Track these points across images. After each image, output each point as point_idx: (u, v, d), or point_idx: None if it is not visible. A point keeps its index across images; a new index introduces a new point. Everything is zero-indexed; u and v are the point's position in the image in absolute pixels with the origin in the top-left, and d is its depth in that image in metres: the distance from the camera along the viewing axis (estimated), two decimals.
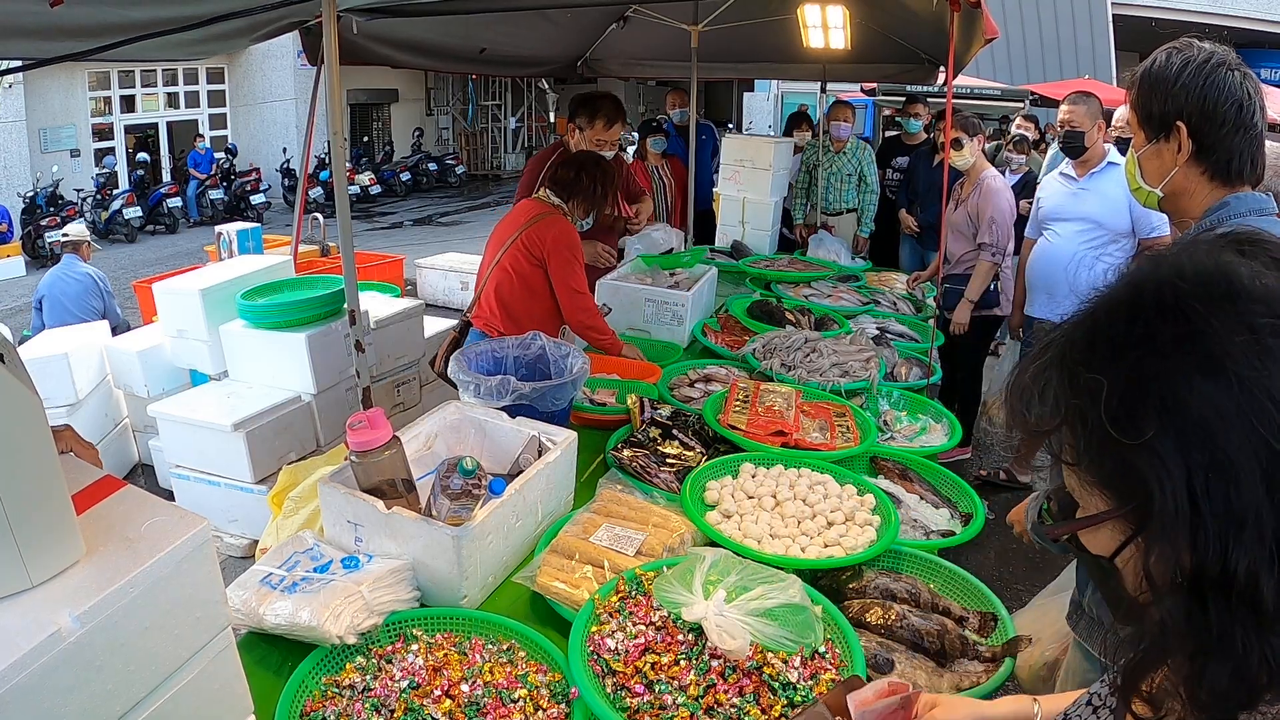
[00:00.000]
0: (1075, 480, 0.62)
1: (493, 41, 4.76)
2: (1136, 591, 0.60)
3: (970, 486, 2.09)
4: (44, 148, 11.80)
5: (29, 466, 0.84)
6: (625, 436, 2.11)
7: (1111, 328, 0.59)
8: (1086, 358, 0.59)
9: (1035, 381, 0.62)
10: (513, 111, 20.29)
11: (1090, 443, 0.58)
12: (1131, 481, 0.56)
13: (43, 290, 5.07)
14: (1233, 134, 1.34)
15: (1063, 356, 0.61)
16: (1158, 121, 1.40)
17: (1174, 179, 1.41)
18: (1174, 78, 1.35)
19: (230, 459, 3.50)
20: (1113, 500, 0.59)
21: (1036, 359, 0.63)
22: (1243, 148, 1.35)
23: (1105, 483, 0.59)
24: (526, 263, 2.75)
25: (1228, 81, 1.33)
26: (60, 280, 5.05)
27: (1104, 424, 0.56)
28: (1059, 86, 11.91)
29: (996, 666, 1.44)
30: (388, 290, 5.23)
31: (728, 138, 5.16)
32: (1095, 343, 0.59)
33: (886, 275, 4.27)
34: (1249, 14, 14.77)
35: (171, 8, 2.74)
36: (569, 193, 2.83)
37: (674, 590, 1.36)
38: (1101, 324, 0.60)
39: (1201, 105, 1.34)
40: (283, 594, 1.37)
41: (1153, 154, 1.43)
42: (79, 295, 5.02)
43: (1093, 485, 0.61)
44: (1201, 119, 1.34)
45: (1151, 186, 1.46)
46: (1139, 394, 0.55)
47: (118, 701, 0.88)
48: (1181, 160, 1.39)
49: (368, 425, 1.52)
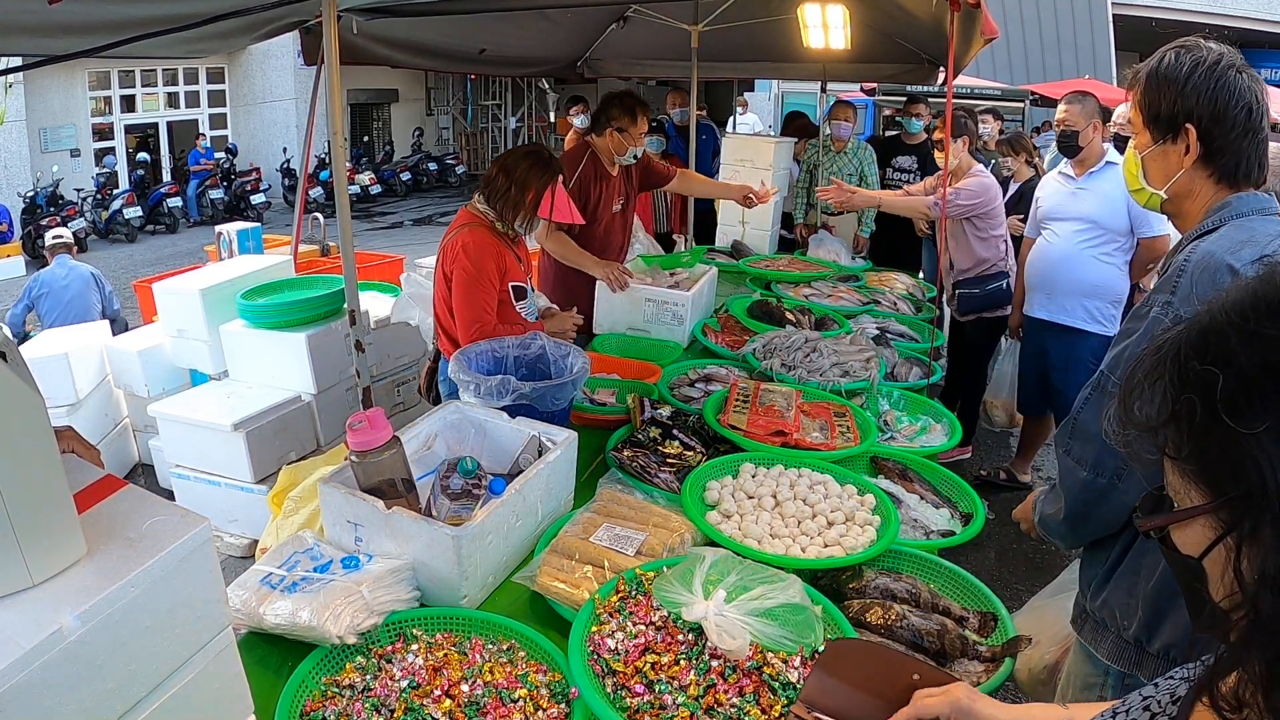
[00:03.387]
0: (1176, 475, 0.64)
1: (493, 42, 4.76)
2: (1220, 595, 0.62)
3: (970, 486, 2.09)
4: (44, 147, 11.79)
5: (31, 465, 0.84)
6: (625, 436, 2.11)
7: (1225, 326, 0.61)
8: (1200, 353, 0.61)
9: (1148, 377, 0.65)
10: (513, 111, 20.29)
11: (1197, 434, 0.60)
12: (1235, 473, 0.58)
13: (40, 289, 5.12)
14: (1242, 138, 1.33)
15: (1176, 353, 0.63)
16: (1166, 122, 1.37)
17: (1179, 181, 1.39)
18: (1184, 79, 1.33)
19: (230, 459, 3.50)
20: (1212, 494, 0.61)
21: (1148, 358, 0.66)
22: (1250, 151, 1.34)
23: (1206, 475, 0.61)
24: (443, 280, 2.58)
25: (1238, 84, 1.31)
26: (59, 280, 5.10)
27: (1218, 413, 0.58)
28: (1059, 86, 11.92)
29: (996, 666, 1.44)
30: (388, 290, 5.24)
31: (728, 138, 5.16)
32: (1208, 339, 0.61)
33: (886, 275, 4.26)
34: (1249, 14, 14.78)
35: (171, 6, 2.74)
36: (491, 196, 2.59)
37: (674, 590, 1.36)
38: (1215, 323, 0.62)
39: (1213, 108, 1.32)
40: (283, 594, 1.37)
41: (1158, 155, 1.41)
42: (81, 292, 5.10)
43: (1193, 478, 0.62)
44: (1212, 122, 1.32)
45: (1156, 188, 1.43)
46: (1252, 385, 0.57)
47: (118, 700, 0.88)
48: (1189, 163, 1.36)
49: (368, 425, 1.52)
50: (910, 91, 7.41)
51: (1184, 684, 0.72)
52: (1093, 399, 1.40)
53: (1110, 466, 1.34)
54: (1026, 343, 3.78)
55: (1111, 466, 1.34)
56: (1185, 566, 0.65)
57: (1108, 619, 1.43)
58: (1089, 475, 1.37)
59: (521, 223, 2.62)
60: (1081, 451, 1.39)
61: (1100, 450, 1.35)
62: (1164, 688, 0.73)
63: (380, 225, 12.95)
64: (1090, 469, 1.37)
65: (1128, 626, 1.39)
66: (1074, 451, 1.40)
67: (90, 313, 5.08)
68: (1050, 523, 1.53)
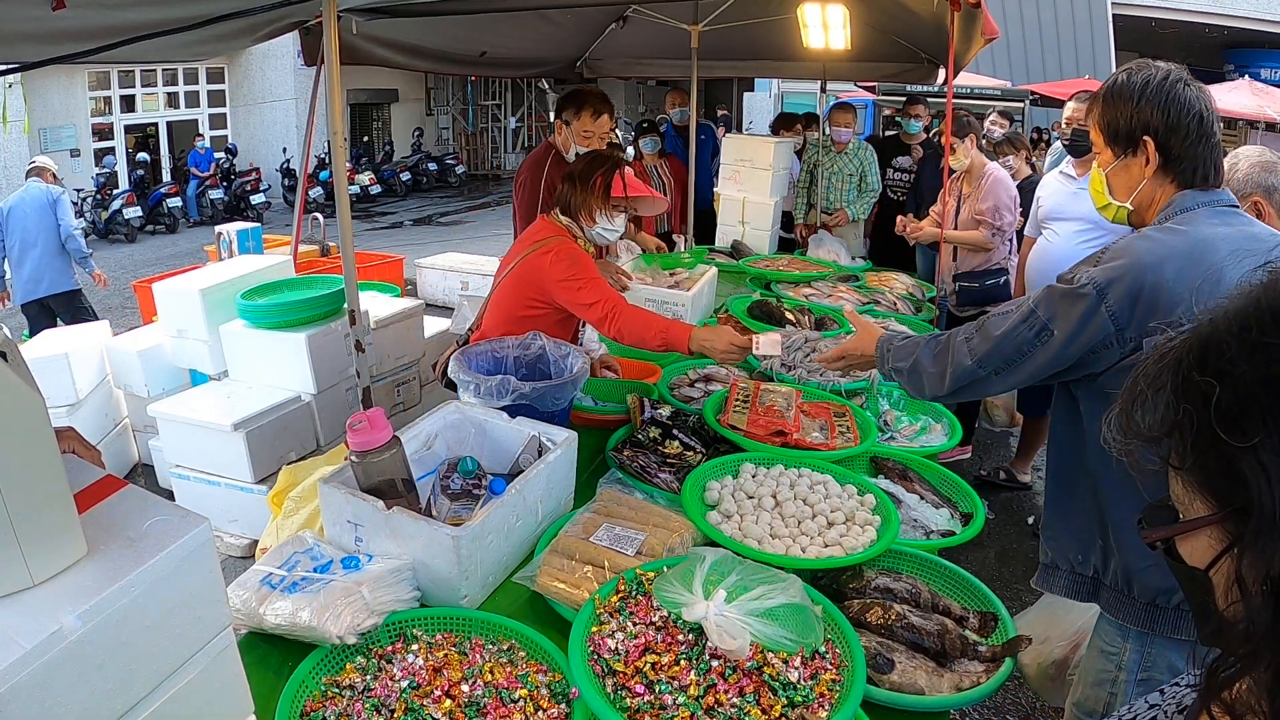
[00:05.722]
0: (1180, 486, 0.63)
1: (493, 42, 4.75)
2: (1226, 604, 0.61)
3: (970, 486, 2.09)
4: (44, 148, 11.78)
5: (31, 465, 0.84)
6: (625, 436, 2.11)
7: (1226, 335, 0.60)
8: (1200, 363, 0.60)
9: (1150, 386, 0.64)
10: (512, 111, 20.30)
11: (1198, 446, 0.59)
12: (1235, 484, 0.57)
13: (6, 208, 5.39)
14: (1196, 144, 1.44)
15: (1177, 363, 0.62)
16: (1125, 137, 1.48)
17: (1142, 191, 1.50)
18: (1138, 95, 1.45)
19: (230, 459, 3.50)
20: (1214, 505, 0.60)
21: (1151, 366, 0.65)
22: (1205, 155, 1.45)
23: (1209, 487, 0.60)
24: (525, 289, 2.52)
25: (1187, 96, 1.43)
26: (20, 201, 5.38)
27: (1212, 426, 0.57)
28: (1059, 86, 11.93)
29: (997, 666, 1.44)
30: (388, 290, 5.24)
31: (728, 138, 5.17)
32: (1209, 349, 0.61)
33: (886, 275, 4.27)
34: (1249, 14, 14.76)
35: (172, 9, 2.74)
36: (566, 207, 2.56)
37: (674, 590, 1.36)
38: (1217, 332, 0.61)
39: (1167, 119, 1.43)
40: (283, 594, 1.37)
41: (1121, 169, 1.52)
42: (36, 212, 5.33)
43: (1196, 489, 0.61)
44: (1168, 132, 1.44)
45: (1120, 201, 1.55)
46: (1248, 399, 0.57)
47: (119, 700, 0.88)
48: (1150, 173, 1.47)
49: (368, 425, 1.52)
50: (909, 92, 7.41)
51: (1191, 692, 0.72)
52: (1010, 315, 1.52)
53: (992, 365, 1.53)
54: None
55: (993, 365, 1.52)
56: (1192, 578, 0.64)
57: (1058, 558, 1.62)
58: (972, 365, 1.55)
59: (601, 215, 2.53)
60: (978, 346, 1.54)
61: (991, 350, 1.52)
62: (1171, 695, 0.73)
63: (380, 225, 12.96)
64: (976, 362, 1.54)
65: (1081, 560, 1.58)
66: (972, 342, 1.56)
67: (49, 234, 5.32)
68: (914, 374, 1.67)
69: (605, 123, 3.26)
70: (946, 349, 1.60)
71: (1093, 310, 1.39)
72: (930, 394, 1.66)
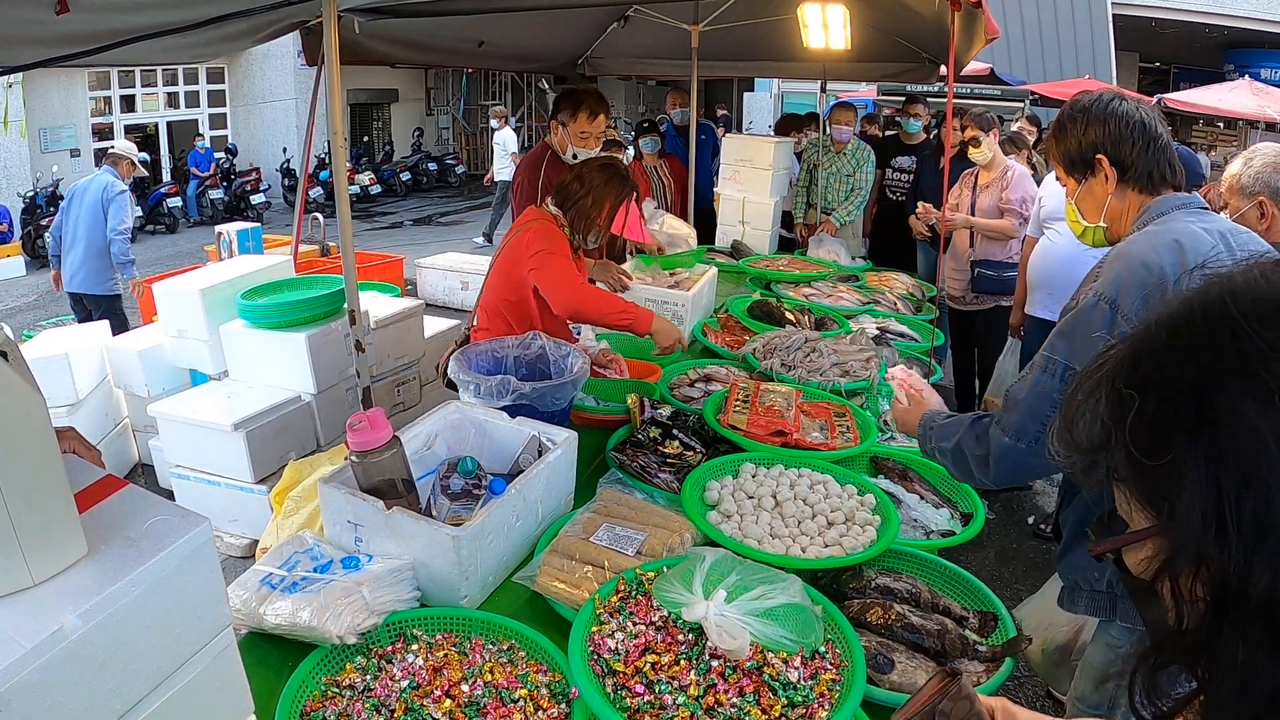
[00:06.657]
0: (1123, 497, 0.62)
1: (492, 35, 4.76)
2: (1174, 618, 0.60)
3: (970, 486, 2.09)
4: (44, 147, 11.78)
5: (32, 464, 0.84)
6: (625, 436, 2.11)
7: (1155, 343, 0.59)
8: (1129, 374, 0.59)
9: (1087, 399, 0.62)
10: (513, 111, 20.29)
11: (1130, 459, 0.58)
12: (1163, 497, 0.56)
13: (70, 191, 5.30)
14: (1145, 149, 1.52)
15: (1111, 372, 0.61)
16: (1081, 162, 1.58)
17: (1110, 206, 1.58)
18: (1082, 120, 1.56)
19: (230, 459, 3.50)
20: (1154, 517, 0.59)
21: (1089, 377, 0.63)
22: (1156, 158, 1.52)
23: (1146, 498, 0.59)
24: (512, 270, 2.56)
25: (1124, 109, 1.53)
26: (83, 190, 5.25)
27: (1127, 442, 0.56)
28: (1059, 86, 11.92)
29: (997, 666, 1.44)
30: (388, 290, 5.24)
31: (728, 138, 5.17)
32: (1140, 358, 0.59)
33: (886, 275, 4.27)
34: (1249, 14, 14.76)
35: (173, 11, 2.74)
36: (564, 201, 2.58)
37: (674, 590, 1.36)
38: (1149, 339, 0.59)
39: (1110, 133, 1.53)
40: (283, 594, 1.37)
41: (1086, 192, 1.60)
42: (89, 208, 5.17)
43: (1136, 501, 0.60)
44: (1115, 145, 1.53)
45: (1093, 221, 1.62)
46: (1171, 409, 0.55)
47: (119, 700, 0.88)
48: (1111, 188, 1.56)
49: (368, 425, 1.52)
50: (909, 92, 7.41)
51: None
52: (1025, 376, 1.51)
53: (1031, 432, 1.47)
54: (1028, 342, 3.78)
55: (1032, 431, 1.47)
56: (1139, 590, 0.63)
57: (1079, 580, 1.63)
58: (1010, 441, 1.49)
59: (593, 236, 2.60)
60: (1009, 420, 1.49)
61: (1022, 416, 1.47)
62: None
63: (380, 225, 12.95)
64: (1013, 435, 1.48)
65: (1098, 579, 1.59)
66: (1002, 420, 1.51)
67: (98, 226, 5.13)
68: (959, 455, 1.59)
69: (602, 123, 3.26)
70: (986, 433, 1.54)
71: (1109, 324, 1.39)
72: (979, 476, 1.58)
